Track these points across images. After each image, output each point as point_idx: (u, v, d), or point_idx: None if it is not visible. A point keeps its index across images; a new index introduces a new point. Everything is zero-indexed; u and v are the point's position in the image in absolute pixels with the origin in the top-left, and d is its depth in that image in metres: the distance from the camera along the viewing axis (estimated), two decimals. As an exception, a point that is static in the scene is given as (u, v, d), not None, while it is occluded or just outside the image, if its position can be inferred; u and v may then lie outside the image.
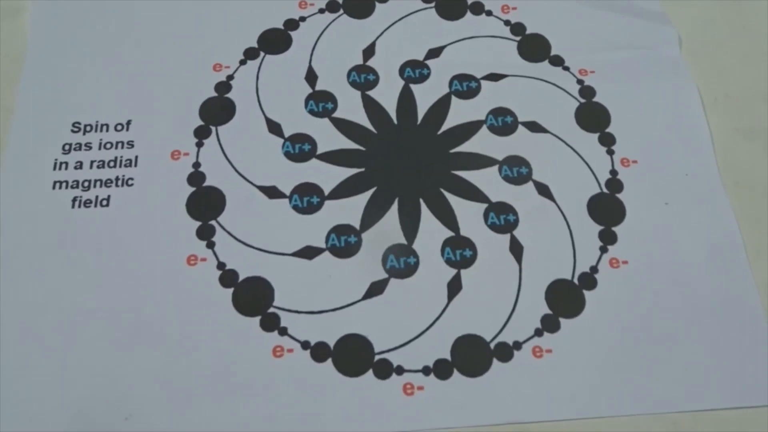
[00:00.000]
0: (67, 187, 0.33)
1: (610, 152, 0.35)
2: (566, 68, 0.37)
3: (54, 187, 0.33)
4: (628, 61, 0.38)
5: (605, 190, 0.34)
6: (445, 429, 0.28)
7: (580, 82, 0.37)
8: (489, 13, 0.39)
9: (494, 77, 0.37)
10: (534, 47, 0.38)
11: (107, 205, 0.32)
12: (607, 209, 0.33)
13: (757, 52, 0.38)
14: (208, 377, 0.29)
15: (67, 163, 0.33)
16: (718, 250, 0.33)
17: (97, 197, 0.33)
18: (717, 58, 0.38)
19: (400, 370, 0.29)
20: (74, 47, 0.36)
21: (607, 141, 0.35)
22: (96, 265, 0.31)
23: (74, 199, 0.32)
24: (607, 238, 0.33)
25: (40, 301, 0.30)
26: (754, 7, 0.40)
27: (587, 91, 0.37)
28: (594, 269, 0.32)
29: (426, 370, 0.29)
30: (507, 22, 0.39)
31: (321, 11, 0.39)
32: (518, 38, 0.38)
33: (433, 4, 0.39)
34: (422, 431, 0.28)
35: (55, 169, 0.33)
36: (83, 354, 0.29)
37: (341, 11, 0.39)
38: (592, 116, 0.36)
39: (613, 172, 0.35)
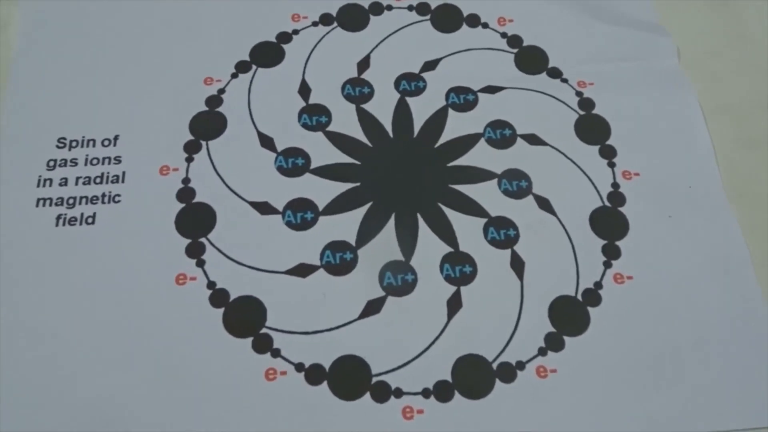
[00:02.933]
0: (51, 205, 0.31)
1: (611, 165, 0.34)
2: (564, 80, 0.37)
3: (38, 205, 0.31)
4: (627, 72, 0.37)
5: (607, 204, 0.33)
6: (448, 454, 0.27)
7: (579, 94, 0.36)
8: (485, 26, 0.39)
9: (491, 90, 0.36)
10: (531, 59, 0.37)
11: (93, 222, 0.31)
12: (609, 223, 0.33)
13: (757, 61, 0.38)
14: (198, 401, 0.28)
15: (51, 180, 0.32)
16: (724, 263, 0.32)
17: (82, 215, 0.31)
18: (716, 67, 0.38)
19: (398, 393, 0.28)
20: (61, 61, 0.35)
21: (608, 153, 0.35)
22: (81, 285, 0.30)
23: (59, 217, 0.31)
24: (611, 253, 0.32)
25: (23, 322, 0.29)
26: (753, 15, 0.39)
27: (586, 103, 0.36)
28: (598, 285, 0.31)
29: (426, 393, 0.28)
30: (504, 35, 0.38)
31: (314, 24, 0.38)
32: (515, 50, 0.38)
33: (428, 17, 0.39)
34: (423, 457, 0.27)
35: (39, 186, 0.32)
36: (68, 379, 0.28)
37: (335, 24, 0.38)
38: (592, 128, 0.35)
39: (615, 185, 0.34)
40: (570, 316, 0.30)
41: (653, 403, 0.28)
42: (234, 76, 0.36)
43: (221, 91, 0.35)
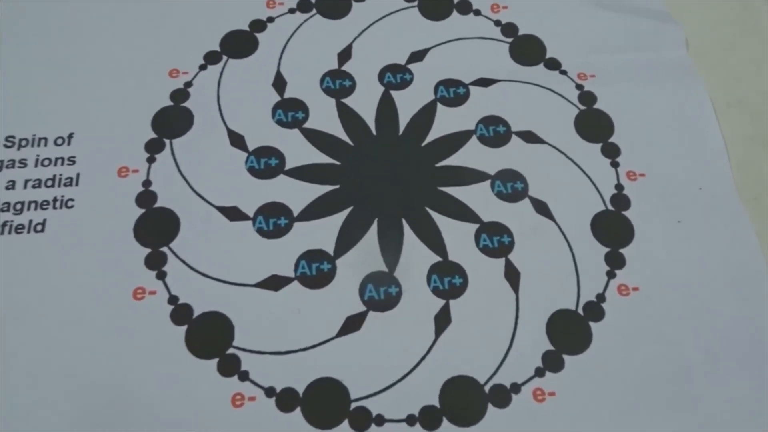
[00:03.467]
0: (-3, 211, 0.29)
1: (615, 164, 0.32)
2: (563, 72, 0.34)
3: (-19, 211, 0.29)
4: (632, 63, 0.34)
5: (610, 207, 0.30)
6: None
7: (579, 87, 0.33)
8: (477, 13, 0.36)
9: (484, 82, 0.33)
10: (527, 49, 0.34)
11: (42, 230, 0.28)
12: (613, 229, 0.30)
13: (774, 53, 0.35)
14: (158, 430, 0.25)
15: (-2, 183, 0.29)
16: (738, 272, 0.29)
17: (30, 221, 0.28)
18: (728, 60, 0.35)
19: (380, 420, 0.25)
20: (9, 52, 0.32)
21: (611, 152, 0.32)
22: (27, 299, 0.27)
23: (4, 224, 0.28)
24: (615, 262, 0.29)
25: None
26: (766, 5, 0.36)
27: (587, 97, 0.33)
28: (601, 297, 0.28)
29: (411, 420, 0.25)
30: (497, 23, 0.35)
31: (291, 11, 0.35)
32: (510, 40, 0.35)
33: (415, 3, 0.35)
34: (407, 493, 0.24)
35: (-16, 189, 0.29)
36: (9, 405, 0.25)
37: (314, 11, 0.35)
38: (594, 125, 0.32)
39: (619, 187, 0.31)
40: (570, 332, 0.27)
41: (661, 428, 0.26)
42: (202, 67, 0.33)
43: (188, 84, 0.32)
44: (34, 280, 0.27)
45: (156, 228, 0.28)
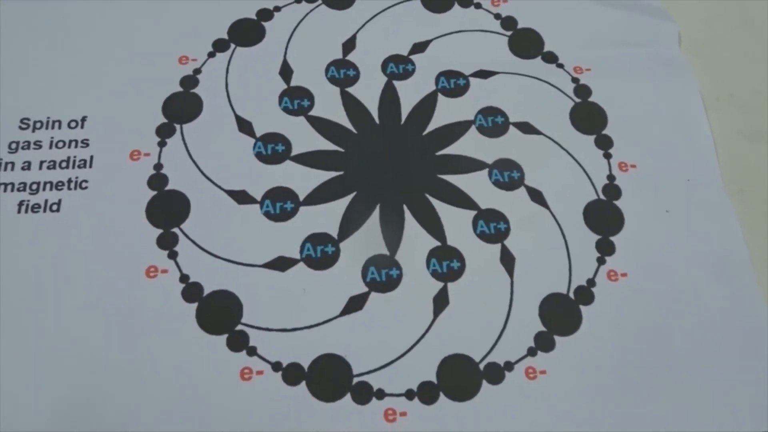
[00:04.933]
0: (13, 190, 0.29)
1: (608, 156, 0.33)
2: (560, 65, 0.35)
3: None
4: (626, 58, 0.35)
5: (602, 197, 0.32)
6: (431, 460, 0.26)
7: (575, 80, 0.35)
8: (478, 6, 0.37)
9: (484, 74, 0.34)
10: (526, 43, 0.36)
11: (58, 210, 0.29)
12: (604, 217, 0.31)
13: (762, 50, 0.36)
14: (168, 401, 0.26)
15: (13, 164, 0.30)
16: (723, 263, 0.30)
17: (46, 201, 0.29)
18: (719, 56, 0.36)
19: (380, 394, 0.27)
20: (25, 36, 0.33)
21: (604, 144, 0.33)
22: (43, 277, 0.28)
23: (21, 203, 0.29)
24: (605, 249, 0.30)
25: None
26: (759, 2, 0.38)
27: (583, 90, 0.34)
28: (591, 282, 0.30)
29: (409, 394, 0.27)
30: (497, 16, 0.36)
31: (297, 1, 0.36)
32: (509, 33, 0.36)
33: (418, -5, 0.37)
34: (405, 462, 0.26)
35: (1, 170, 0.30)
36: (25, 382, 0.26)
37: (319, 1, 0.36)
38: (588, 117, 0.34)
39: (611, 177, 0.32)
40: (561, 314, 0.29)
41: (648, 407, 0.27)
42: (211, 55, 0.34)
43: (197, 71, 0.33)
44: (49, 258, 0.28)
45: (167, 209, 0.30)
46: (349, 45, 0.35)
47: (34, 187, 0.30)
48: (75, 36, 0.33)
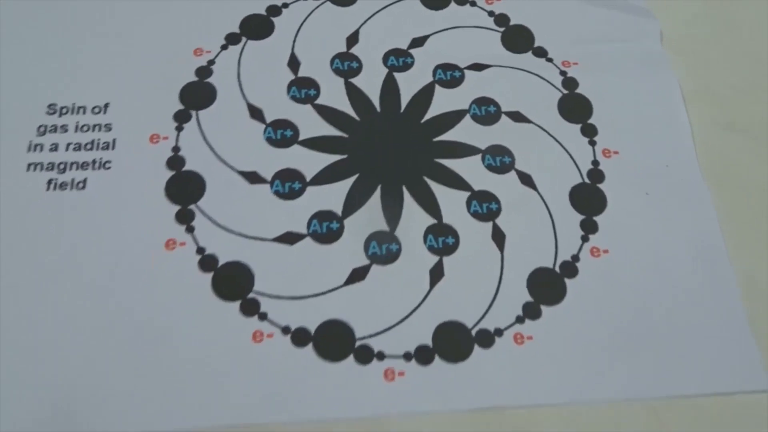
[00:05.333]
0: (42, 170, 0.32)
1: (592, 143, 0.35)
2: (549, 60, 0.38)
3: (28, 169, 0.32)
4: (611, 53, 0.38)
5: (587, 180, 0.34)
6: (426, 413, 0.28)
7: (563, 73, 0.37)
8: (473, 4, 0.39)
9: (478, 67, 0.37)
10: (517, 38, 0.38)
11: (83, 187, 0.32)
12: (588, 199, 0.34)
13: (739, 48, 0.39)
14: (185, 362, 0.29)
15: (42, 145, 0.32)
16: (698, 241, 0.33)
17: (73, 180, 0.32)
18: (699, 52, 0.39)
19: (381, 356, 0.29)
20: (51, 27, 0.36)
21: (590, 132, 0.36)
22: (71, 248, 0.30)
23: (49, 182, 0.32)
24: (589, 228, 0.33)
25: (11, 284, 0.29)
26: (738, 2, 0.40)
27: (570, 83, 0.37)
28: (575, 258, 0.32)
29: (407, 356, 0.29)
30: (491, 13, 0.39)
31: (304, -2, 0.38)
32: (502, 29, 0.39)
33: (417, -6, 0.39)
34: (403, 415, 0.28)
35: (29, 150, 0.32)
36: (56, 340, 0.29)
37: (325, -1, 0.39)
38: (575, 107, 0.36)
39: (595, 163, 0.35)
40: (547, 286, 0.31)
41: (625, 370, 0.30)
42: (224, 47, 0.36)
43: (211, 62, 0.36)
44: (75, 232, 0.31)
45: (185, 188, 0.32)
46: (353, 39, 0.37)
47: (62, 167, 0.32)
48: (98, 30, 0.36)
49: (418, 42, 0.38)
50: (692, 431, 0.29)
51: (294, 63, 0.36)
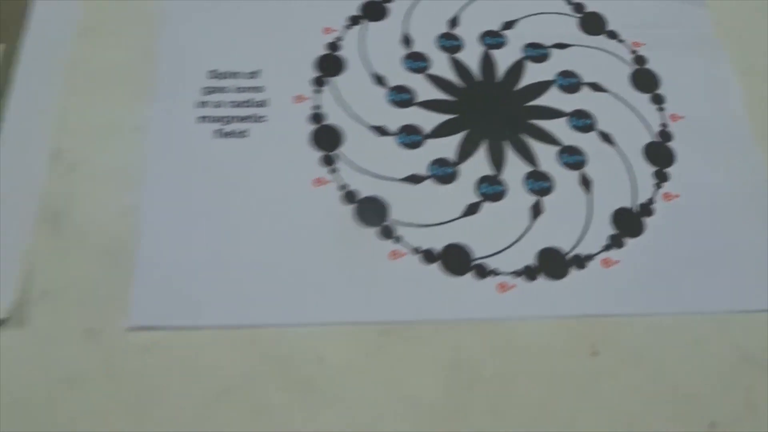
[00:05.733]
0: (209, 122, 0.39)
1: (661, 109, 0.42)
2: (621, 41, 0.44)
3: (198, 122, 0.39)
4: (672, 36, 0.44)
5: (658, 139, 0.41)
6: (532, 317, 0.35)
7: (633, 52, 0.44)
8: (554, -6, 0.46)
9: (561, 46, 0.44)
10: (592, 23, 0.45)
11: (245, 136, 0.39)
12: (660, 154, 0.40)
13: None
14: (333, 277, 0.35)
15: (208, 102, 0.39)
16: (749, 185, 0.39)
17: (234, 130, 0.39)
18: (745, 35, 0.45)
19: (495, 273, 0.36)
20: (209, 6, 0.43)
21: (658, 100, 0.42)
22: (235, 185, 0.37)
23: (216, 131, 0.39)
24: (661, 177, 0.39)
25: (184, 214, 0.36)
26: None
27: (640, 60, 0.43)
28: (651, 201, 0.38)
29: (516, 273, 0.36)
30: (569, 2, 0.46)
31: (412, -12, 0.45)
32: (579, 15, 0.45)
33: (506, -15, 0.46)
34: (513, 318, 0.34)
35: (198, 107, 0.39)
36: (216, 267, 0.35)
37: (429, -12, 0.45)
38: (645, 80, 0.43)
39: (664, 125, 0.41)
40: (629, 222, 0.37)
41: (695, 288, 0.36)
42: (348, 27, 0.43)
43: (339, 38, 0.43)
44: (239, 172, 0.38)
45: (326, 138, 0.39)
46: (455, 22, 0.44)
47: (226, 119, 0.39)
48: (252, 10, 0.43)
49: (509, 25, 0.44)
50: (757, 341, 0.35)
51: (407, 40, 0.43)
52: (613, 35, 0.45)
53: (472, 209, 0.37)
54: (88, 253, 0.34)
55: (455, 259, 0.36)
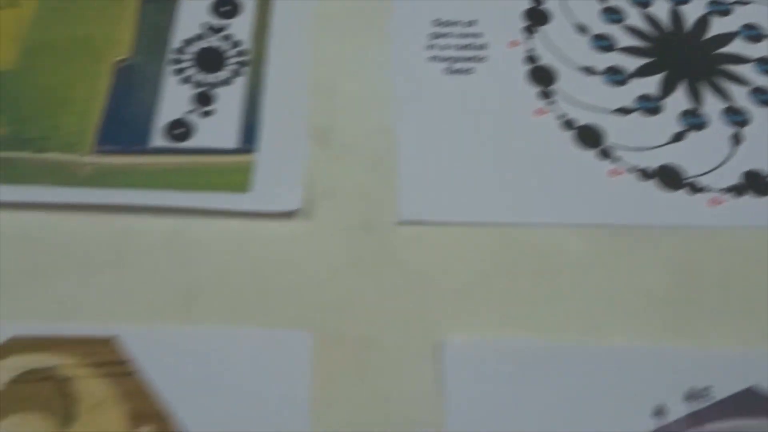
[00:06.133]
0: (439, 61, 0.45)
1: (839, 55, 0.46)
2: (798, -1, 0.49)
3: (429, 61, 0.45)
4: None
5: (841, 81, 0.45)
6: (743, 227, 0.39)
7: (810, 7, 0.48)
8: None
9: (742, 3, 0.48)
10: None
11: (470, 73, 0.44)
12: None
13: None
14: (553, 188, 0.40)
15: (436, 45, 0.46)
16: None
17: (461, 68, 0.45)
18: None
19: (706, 189, 0.40)
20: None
21: (841, 49, 0.46)
22: (467, 111, 0.43)
23: (445, 69, 0.45)
24: None
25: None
26: None
27: (816, 14, 0.48)
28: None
29: (726, 190, 0.40)
30: (746, -35, 0.50)
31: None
32: (756, -24, 0.50)
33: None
34: (724, 228, 0.39)
35: (427, 49, 0.45)
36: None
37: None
38: (824, 31, 0.47)
39: (843, 69, 0.45)
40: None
41: None
42: (547, -15, 0.49)
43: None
44: (467, 104, 0.43)
45: (542, 76, 0.44)
46: (642, -19, 0.49)
47: (452, 59, 0.45)
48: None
49: (693, -16, 0.49)
50: None
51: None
52: (789, -6, 0.49)
53: (678, 137, 0.42)
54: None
55: (669, 177, 0.41)
